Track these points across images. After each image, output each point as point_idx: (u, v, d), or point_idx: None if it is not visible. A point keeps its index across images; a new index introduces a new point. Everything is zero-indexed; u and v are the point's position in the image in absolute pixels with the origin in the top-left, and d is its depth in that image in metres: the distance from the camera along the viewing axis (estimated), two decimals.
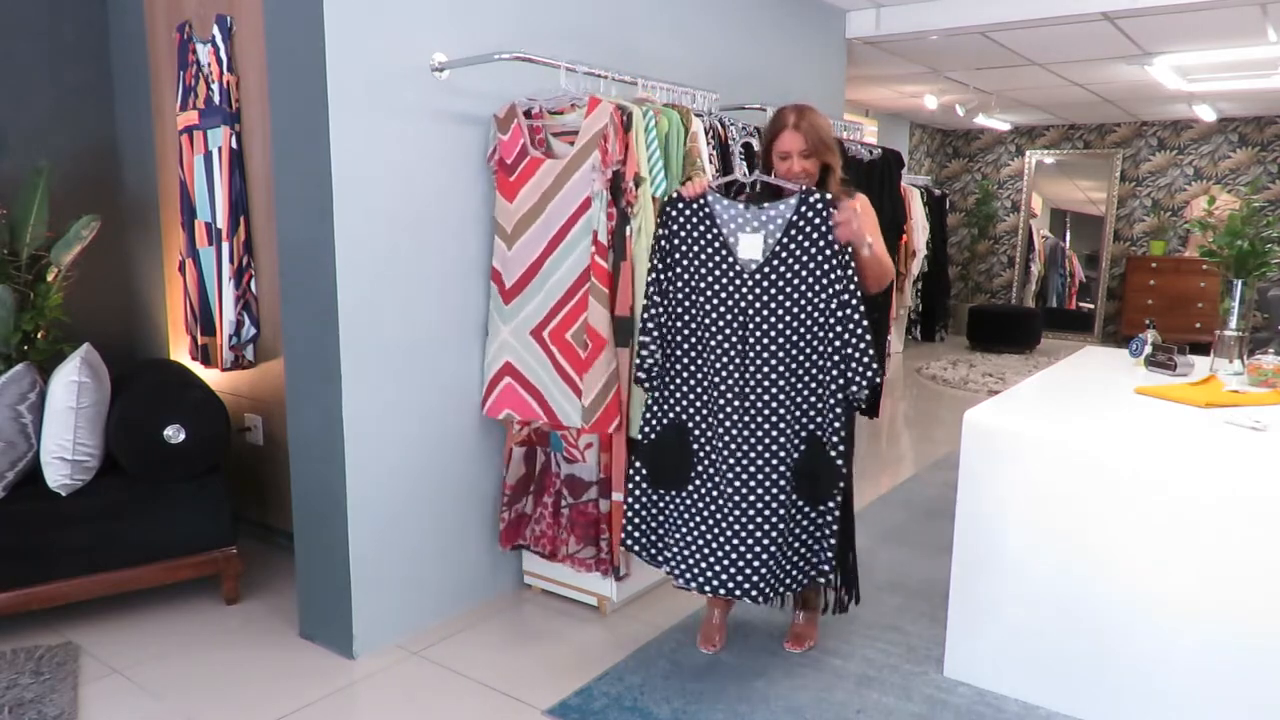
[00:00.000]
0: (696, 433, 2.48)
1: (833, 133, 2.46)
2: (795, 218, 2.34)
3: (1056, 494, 2.39)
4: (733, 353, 2.39)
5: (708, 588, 2.42)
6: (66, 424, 2.80)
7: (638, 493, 2.56)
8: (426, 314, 2.82)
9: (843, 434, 2.39)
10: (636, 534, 2.58)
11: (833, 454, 2.40)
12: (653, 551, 2.59)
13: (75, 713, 2.41)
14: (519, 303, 2.85)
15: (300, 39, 2.51)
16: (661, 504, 2.55)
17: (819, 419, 2.41)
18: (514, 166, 2.80)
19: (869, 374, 2.31)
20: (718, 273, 2.39)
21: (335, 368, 2.60)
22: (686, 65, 3.77)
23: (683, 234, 2.43)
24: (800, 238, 2.34)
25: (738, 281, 2.37)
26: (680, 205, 2.43)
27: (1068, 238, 10.00)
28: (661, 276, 2.48)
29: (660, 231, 2.46)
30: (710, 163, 2.95)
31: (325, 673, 2.65)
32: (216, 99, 3.41)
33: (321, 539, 2.75)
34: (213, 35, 3.39)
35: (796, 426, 2.39)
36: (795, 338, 2.37)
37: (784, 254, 2.34)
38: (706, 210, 2.40)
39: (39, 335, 3.31)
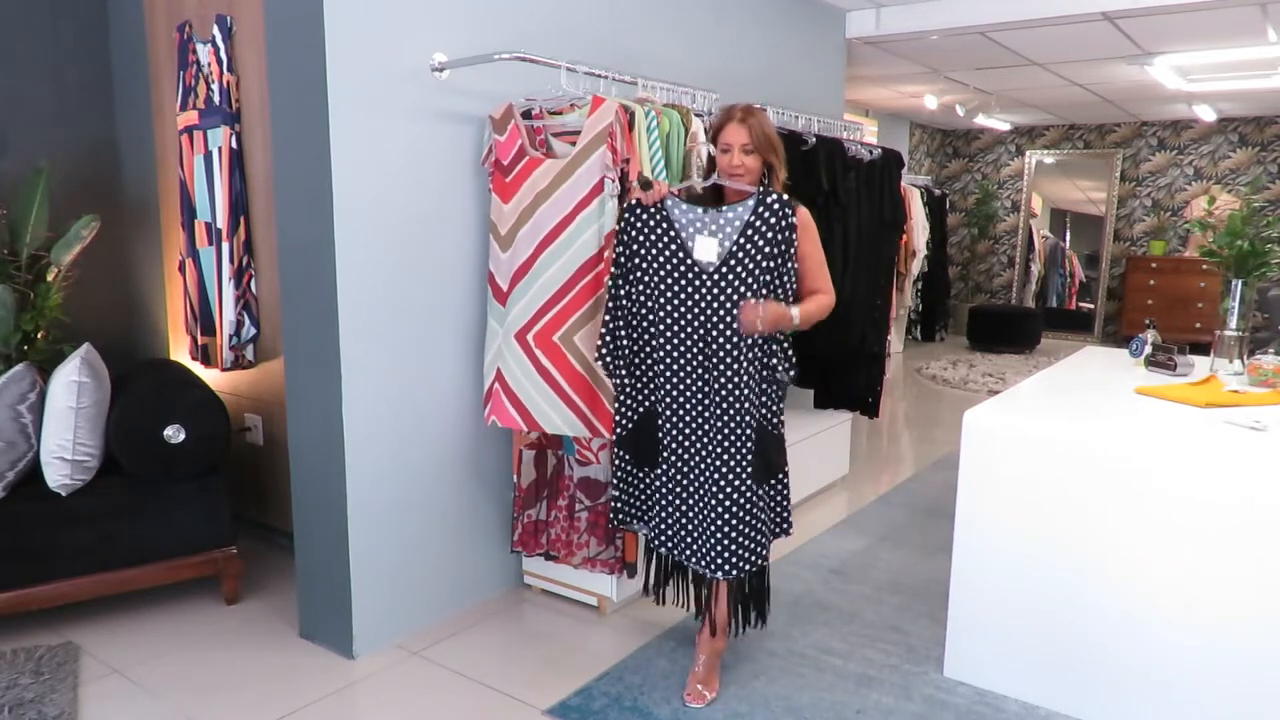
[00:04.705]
0: (665, 418, 2.53)
1: (779, 140, 2.49)
2: (752, 218, 2.39)
3: (1056, 494, 2.39)
4: (695, 351, 2.43)
5: (688, 561, 2.55)
6: (66, 424, 2.81)
7: (620, 474, 2.65)
8: (426, 314, 2.82)
9: (780, 416, 2.54)
10: (626, 509, 2.68)
11: (776, 434, 2.53)
12: (642, 521, 2.69)
13: (75, 713, 2.41)
14: (508, 305, 2.83)
15: (300, 39, 2.51)
16: (644, 481, 2.64)
17: (765, 408, 2.49)
18: (511, 167, 2.79)
19: (784, 362, 2.49)
20: (676, 274, 2.43)
21: (335, 368, 2.60)
22: (686, 65, 3.77)
23: (641, 238, 2.47)
24: (755, 237, 2.38)
25: (696, 283, 2.41)
26: (639, 211, 2.46)
27: (1068, 238, 10.00)
28: (619, 279, 2.51)
29: (621, 236, 2.50)
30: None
31: (325, 673, 2.65)
32: (216, 99, 3.41)
33: (321, 539, 2.75)
34: (213, 35, 3.39)
35: (750, 420, 2.44)
36: (754, 336, 2.42)
37: (740, 254, 2.39)
38: (664, 214, 2.44)
39: (39, 335, 3.30)
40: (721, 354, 2.40)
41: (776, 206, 2.38)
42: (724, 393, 2.42)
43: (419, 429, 2.84)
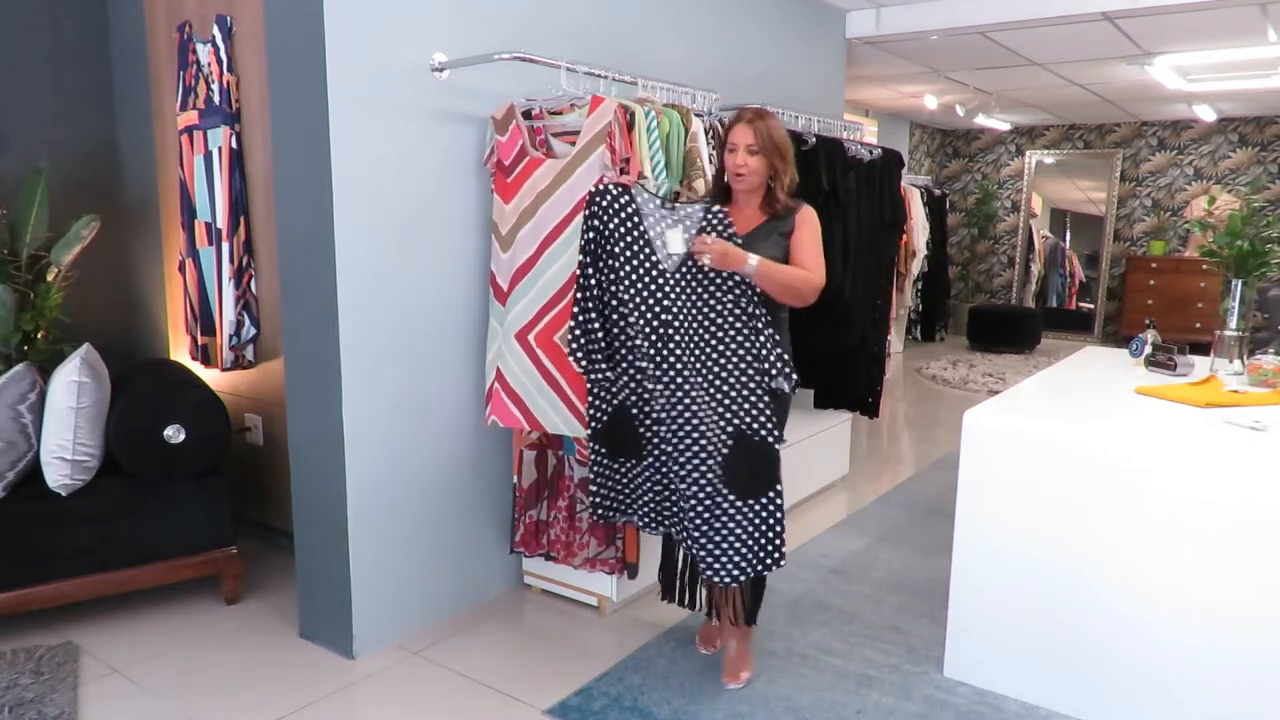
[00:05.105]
0: (637, 413, 2.51)
1: (787, 143, 2.49)
2: (703, 224, 2.42)
3: (1056, 494, 2.39)
4: (651, 351, 2.40)
5: (682, 542, 2.51)
6: (66, 424, 2.80)
7: (598, 469, 2.61)
8: (426, 313, 2.82)
9: (770, 426, 2.42)
10: (604, 503, 2.65)
11: (762, 445, 2.41)
12: (623, 513, 2.66)
13: (75, 713, 2.41)
14: (509, 305, 2.83)
15: (300, 39, 2.51)
16: (623, 470, 2.61)
17: (742, 414, 2.42)
18: (512, 168, 2.79)
19: (784, 368, 2.42)
20: (640, 272, 2.40)
21: (335, 368, 2.60)
22: (686, 65, 3.77)
23: (613, 225, 2.41)
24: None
25: (660, 280, 2.40)
26: (610, 196, 2.41)
27: (1068, 238, 10.00)
28: (588, 266, 2.44)
29: (590, 222, 2.42)
30: (710, 163, 2.95)
31: (325, 673, 2.65)
32: (216, 99, 3.41)
33: (321, 539, 2.75)
34: (213, 35, 3.39)
35: (721, 423, 2.40)
36: (711, 339, 2.41)
37: (694, 259, 2.41)
38: (634, 206, 2.41)
39: (39, 335, 3.30)
40: (680, 360, 2.38)
41: (722, 216, 2.44)
42: (687, 399, 2.39)
43: (419, 429, 2.84)
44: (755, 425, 2.41)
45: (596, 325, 2.47)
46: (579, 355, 2.50)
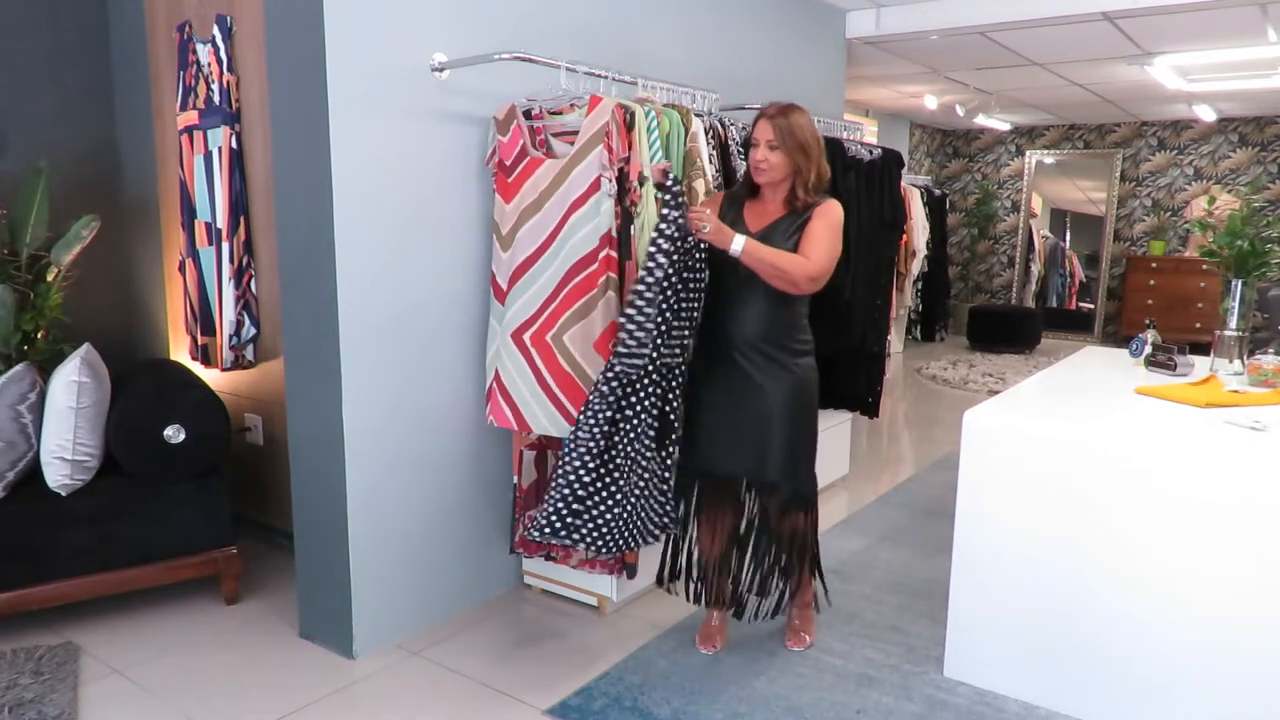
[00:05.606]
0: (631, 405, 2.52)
1: (813, 140, 2.49)
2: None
3: (1056, 494, 2.39)
4: (638, 332, 2.41)
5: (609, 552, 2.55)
6: (66, 424, 2.80)
7: (569, 479, 2.46)
8: (426, 313, 2.82)
9: (678, 391, 2.55)
10: (558, 523, 2.48)
11: (671, 413, 2.57)
12: (572, 534, 2.51)
13: (75, 713, 2.41)
14: (507, 304, 2.83)
15: (300, 39, 2.51)
16: (587, 482, 2.49)
17: (667, 387, 2.54)
18: (513, 167, 2.79)
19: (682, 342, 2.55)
20: (680, 256, 2.43)
21: (335, 368, 2.60)
22: (686, 65, 3.77)
23: (681, 221, 2.38)
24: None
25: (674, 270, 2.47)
26: (681, 186, 2.42)
27: (1068, 238, 10.00)
28: (666, 264, 2.35)
29: (678, 208, 2.36)
30: (710, 163, 2.95)
31: (325, 673, 2.65)
32: (216, 99, 3.41)
33: (321, 539, 2.75)
34: (213, 35, 3.39)
35: (654, 400, 2.51)
36: (663, 318, 2.45)
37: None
38: (684, 199, 2.42)
39: (39, 335, 3.31)
40: (653, 342, 2.44)
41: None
42: (642, 382, 2.49)
43: (419, 429, 2.84)
44: (673, 396, 2.55)
45: (665, 307, 2.41)
46: (641, 336, 2.37)
